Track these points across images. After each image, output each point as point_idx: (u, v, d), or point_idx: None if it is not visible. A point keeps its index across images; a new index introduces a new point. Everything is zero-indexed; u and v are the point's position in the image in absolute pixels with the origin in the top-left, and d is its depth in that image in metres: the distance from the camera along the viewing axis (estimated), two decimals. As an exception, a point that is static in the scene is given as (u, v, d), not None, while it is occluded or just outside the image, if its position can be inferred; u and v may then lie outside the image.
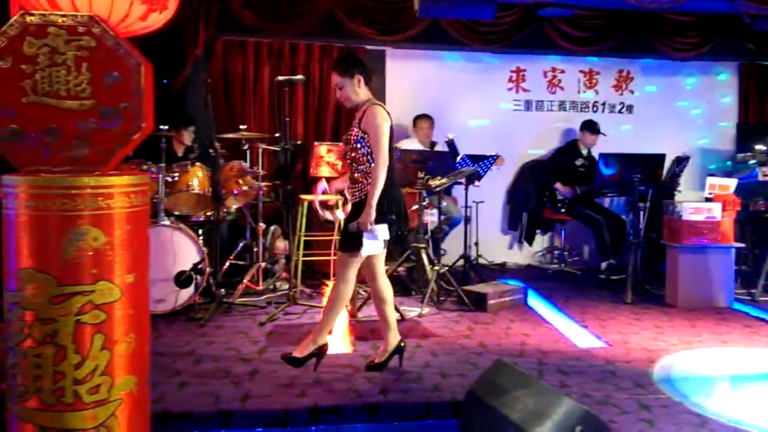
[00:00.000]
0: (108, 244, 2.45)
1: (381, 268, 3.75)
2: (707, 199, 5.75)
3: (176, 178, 4.98)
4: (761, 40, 7.23)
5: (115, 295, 2.47)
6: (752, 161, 6.77)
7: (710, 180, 5.95)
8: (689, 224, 5.49)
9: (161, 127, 4.86)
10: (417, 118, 6.62)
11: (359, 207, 3.59)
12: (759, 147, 6.63)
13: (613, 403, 3.36)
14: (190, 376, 3.58)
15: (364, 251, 3.54)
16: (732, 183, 5.83)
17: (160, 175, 4.79)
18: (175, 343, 4.21)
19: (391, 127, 3.62)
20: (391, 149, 3.62)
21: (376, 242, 3.56)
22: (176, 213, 5.12)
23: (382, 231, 3.56)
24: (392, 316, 3.81)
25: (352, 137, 3.63)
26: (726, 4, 6.05)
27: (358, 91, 3.63)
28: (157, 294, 4.66)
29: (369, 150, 3.55)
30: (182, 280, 4.65)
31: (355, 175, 3.63)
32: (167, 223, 4.78)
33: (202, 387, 3.45)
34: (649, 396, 3.46)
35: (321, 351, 3.67)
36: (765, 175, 6.26)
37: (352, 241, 3.55)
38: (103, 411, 2.44)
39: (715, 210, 5.54)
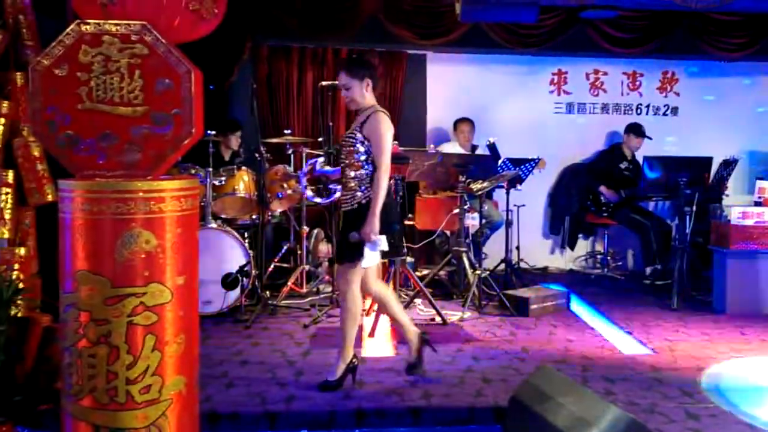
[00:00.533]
0: (159, 246, 2.51)
1: (374, 275, 3.70)
2: (756, 203, 5.62)
3: (223, 182, 5.07)
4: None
5: (166, 297, 2.53)
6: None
7: (759, 183, 5.82)
8: (738, 229, 5.36)
9: (209, 132, 4.95)
10: (458, 122, 6.61)
11: (352, 215, 3.51)
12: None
13: (660, 412, 3.30)
14: (236, 377, 3.64)
15: (365, 262, 3.47)
16: (783, 187, 5.68)
17: (208, 179, 4.88)
18: (222, 345, 4.28)
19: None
20: None
21: (375, 253, 3.49)
22: (223, 216, 5.22)
23: (383, 241, 3.49)
24: (402, 314, 3.76)
25: (350, 141, 3.55)
26: (776, 3, 5.90)
27: (365, 94, 3.57)
28: (204, 295, 4.70)
29: (367, 156, 3.50)
30: (229, 282, 4.73)
31: (349, 181, 3.55)
32: (214, 226, 4.88)
33: (248, 388, 3.51)
34: (697, 405, 3.40)
35: (353, 366, 3.61)
36: (816, 179, 6.08)
37: (353, 252, 3.47)
38: (154, 410, 2.50)
39: (766, 214, 5.41)
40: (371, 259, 3.51)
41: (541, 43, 6.92)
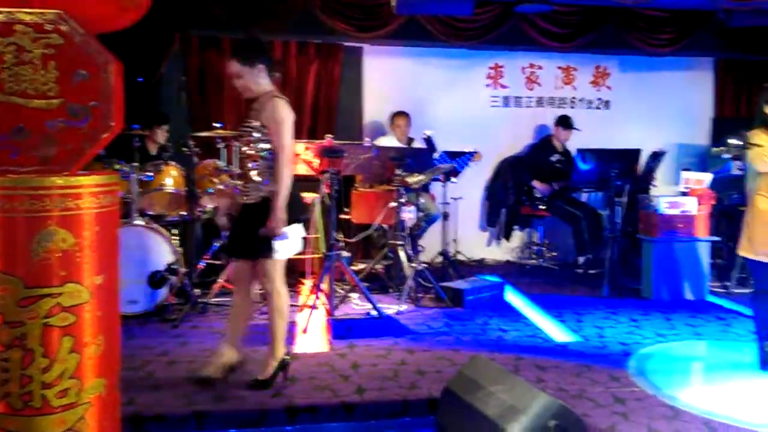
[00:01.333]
0: (77, 245, 2.41)
1: (281, 275, 3.52)
2: (683, 194, 5.80)
3: (150, 178, 4.93)
4: (737, 36, 7.29)
5: (84, 297, 2.43)
6: (727, 155, 6.84)
7: (685, 174, 6.01)
8: (665, 218, 5.54)
9: (134, 125, 4.80)
10: (394, 115, 6.60)
11: (256, 209, 3.38)
12: (733, 141, 6.69)
13: (588, 397, 3.39)
14: (163, 378, 3.55)
15: (279, 255, 3.35)
16: (707, 177, 5.89)
17: (133, 175, 4.73)
18: (148, 345, 4.16)
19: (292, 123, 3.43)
20: None
21: (289, 244, 3.39)
22: (150, 213, 5.06)
23: (297, 231, 3.41)
24: (282, 329, 3.56)
25: (247, 130, 3.41)
26: (701, 0, 6.10)
27: (260, 81, 3.41)
28: (130, 295, 4.61)
29: (267, 146, 3.36)
30: (156, 280, 4.61)
31: (249, 173, 3.40)
32: (141, 223, 4.74)
33: (175, 389, 3.42)
34: (624, 389, 3.50)
35: (285, 363, 3.52)
36: (739, 170, 6.32)
37: (263, 247, 3.35)
38: (72, 415, 2.41)
39: (690, 204, 5.61)
40: (286, 251, 3.40)
41: (477, 36, 6.97)
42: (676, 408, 3.26)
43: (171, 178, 5.01)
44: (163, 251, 4.72)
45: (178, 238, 4.99)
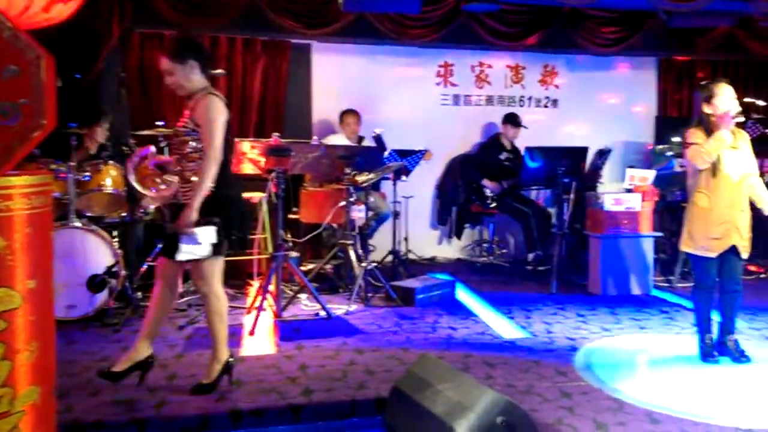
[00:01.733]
0: (7, 248, 2.34)
1: (218, 277, 3.41)
2: (627, 191, 5.91)
3: (88, 178, 4.76)
4: (678, 37, 7.48)
5: (16, 302, 2.36)
6: (669, 153, 7.03)
7: (630, 172, 6.12)
8: (610, 215, 5.64)
9: (71, 124, 4.63)
10: (343, 114, 6.55)
11: (169, 208, 3.37)
12: (676, 139, 6.87)
13: (536, 392, 3.40)
14: (102, 384, 3.41)
15: (181, 256, 3.22)
16: (650, 174, 6.01)
17: (70, 175, 4.56)
18: (88, 350, 4.02)
19: (229, 121, 3.31)
20: (228, 144, 3.31)
21: (198, 247, 3.23)
22: (88, 214, 4.88)
23: (207, 234, 3.22)
24: (224, 333, 3.44)
25: (182, 130, 3.30)
26: (642, 1, 6.23)
27: (192, 78, 3.28)
28: (68, 299, 4.47)
29: (201, 145, 3.25)
30: (95, 284, 4.47)
31: (186, 173, 3.29)
32: (78, 224, 4.57)
33: (116, 395, 3.30)
34: (571, 383, 3.53)
35: (229, 366, 3.42)
36: (681, 166, 6.48)
37: (168, 245, 3.28)
38: (5, 424, 2.33)
39: (635, 201, 5.71)
40: (190, 253, 3.24)
41: (426, 35, 6.98)
42: (620, 401, 3.29)
43: (110, 178, 4.85)
44: (102, 254, 4.57)
45: (118, 240, 4.84)
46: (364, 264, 5.24)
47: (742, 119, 3.85)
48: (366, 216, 5.76)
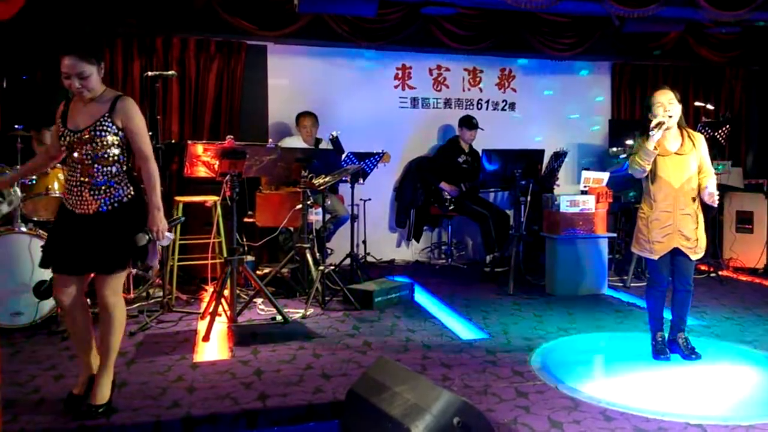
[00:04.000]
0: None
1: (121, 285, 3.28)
2: (582, 192, 5.99)
3: (34, 182, 4.61)
4: (630, 42, 7.62)
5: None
6: (623, 155, 7.15)
7: (585, 174, 6.20)
8: (566, 216, 5.71)
9: (16, 126, 4.49)
10: (300, 116, 6.48)
11: (115, 216, 3.09)
12: (629, 142, 6.99)
13: (493, 392, 3.41)
14: (50, 393, 3.31)
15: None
16: (605, 176, 6.11)
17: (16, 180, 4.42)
18: (35, 358, 3.89)
19: None
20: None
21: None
22: (35, 219, 4.74)
23: (168, 236, 3.24)
24: (116, 347, 3.23)
25: (98, 133, 3.06)
26: (596, 6, 6.32)
27: (100, 80, 3.15)
28: (14, 306, 4.34)
29: (122, 149, 3.12)
30: (42, 290, 4.33)
31: (99, 179, 3.08)
32: (25, 229, 4.41)
33: (63, 404, 3.19)
34: (527, 383, 3.54)
35: (114, 379, 3.26)
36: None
37: (137, 255, 3.17)
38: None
39: (590, 202, 5.80)
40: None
41: (384, 37, 6.96)
42: (575, 399, 3.32)
43: (57, 182, 4.70)
44: (49, 259, 4.42)
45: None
46: (321, 267, 5.19)
47: (660, 130, 3.80)
48: (323, 219, 5.72)
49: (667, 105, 3.85)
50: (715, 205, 3.91)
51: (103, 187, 3.10)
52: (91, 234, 3.08)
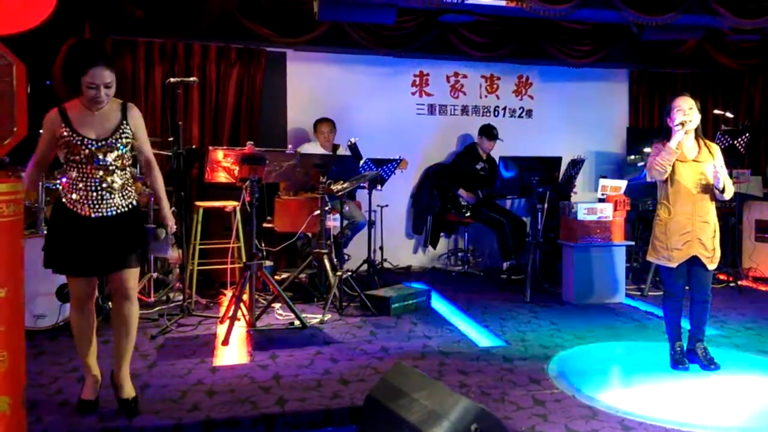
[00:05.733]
0: (-22, 257, 2.30)
1: None
2: (600, 200, 5.98)
3: (58, 186, 4.70)
4: (649, 50, 7.61)
5: (-13, 312, 2.32)
6: (641, 163, 7.14)
7: (602, 181, 6.19)
8: (583, 224, 5.70)
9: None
10: (318, 122, 6.54)
11: (130, 217, 3.24)
12: (647, 150, 6.97)
13: (510, 400, 3.41)
14: (72, 395, 3.36)
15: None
16: (623, 184, 6.09)
17: (41, 183, 4.50)
18: (58, 361, 3.96)
19: None
20: None
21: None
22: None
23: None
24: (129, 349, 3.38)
25: (120, 141, 3.18)
26: (614, 14, 6.32)
27: None
28: (38, 309, 4.40)
29: (131, 153, 3.30)
30: (65, 293, 4.39)
31: (119, 183, 3.21)
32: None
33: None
34: (544, 391, 3.54)
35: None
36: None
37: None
38: (-26, 435, 2.28)
39: (607, 210, 5.79)
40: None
41: (402, 44, 7.01)
42: (593, 408, 3.32)
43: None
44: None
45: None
46: (338, 273, 5.22)
47: (682, 134, 3.82)
48: (341, 225, 5.76)
49: (686, 110, 3.86)
50: (720, 184, 3.83)
51: (122, 191, 3.23)
52: (113, 234, 3.19)
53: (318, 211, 5.28)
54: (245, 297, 4.65)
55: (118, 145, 3.18)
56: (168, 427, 3.06)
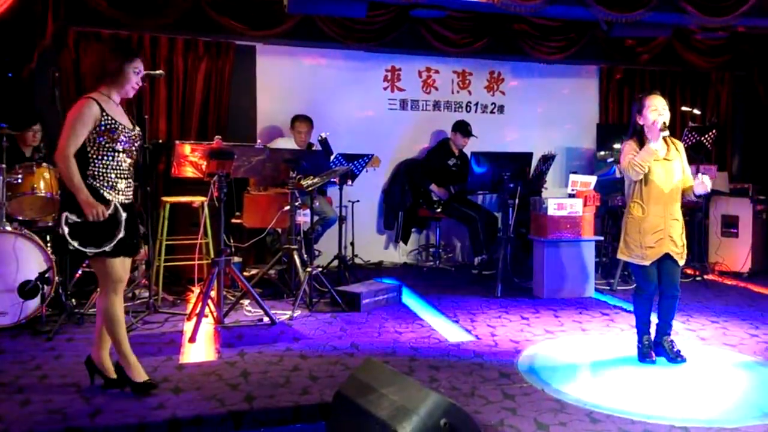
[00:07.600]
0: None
1: None
2: (570, 195, 6.02)
3: (20, 181, 4.58)
4: (618, 46, 7.67)
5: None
6: (610, 159, 7.20)
7: (573, 177, 6.24)
8: (553, 219, 5.72)
9: (1, 124, 4.45)
10: (295, 119, 6.43)
11: (133, 207, 3.43)
12: (617, 146, 7.04)
13: (479, 394, 3.41)
14: (34, 394, 3.28)
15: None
16: (592, 180, 6.14)
17: (1, 177, 4.38)
18: (19, 359, 3.86)
19: None
20: None
21: None
22: (20, 218, 4.70)
23: None
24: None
25: (136, 134, 3.42)
26: (584, 11, 6.36)
27: None
28: (-3, 306, 4.29)
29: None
30: (27, 290, 4.30)
31: (130, 176, 3.39)
32: (9, 229, 4.38)
33: (48, 404, 3.17)
34: (513, 385, 3.55)
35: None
36: (622, 173, 6.63)
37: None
38: None
39: (577, 205, 5.82)
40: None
41: (374, 39, 6.95)
42: (562, 401, 3.33)
43: (43, 181, 4.66)
44: (34, 259, 4.41)
45: (51, 245, 4.65)
46: (308, 269, 5.17)
47: (666, 133, 3.90)
48: (311, 220, 5.71)
49: (661, 110, 3.89)
50: (708, 190, 3.92)
51: (131, 182, 3.41)
52: (134, 219, 3.39)
53: (288, 207, 5.22)
54: (213, 293, 4.58)
55: (137, 138, 3.41)
56: (132, 425, 3.00)
